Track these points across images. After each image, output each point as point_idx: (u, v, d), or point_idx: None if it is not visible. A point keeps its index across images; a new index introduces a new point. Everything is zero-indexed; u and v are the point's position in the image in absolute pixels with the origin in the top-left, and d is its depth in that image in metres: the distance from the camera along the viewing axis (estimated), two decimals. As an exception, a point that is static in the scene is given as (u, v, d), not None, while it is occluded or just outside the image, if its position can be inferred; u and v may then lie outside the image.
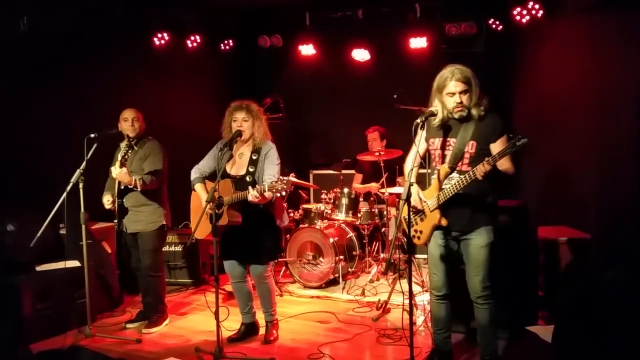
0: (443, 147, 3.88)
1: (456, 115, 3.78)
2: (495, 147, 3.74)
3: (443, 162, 3.87)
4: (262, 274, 4.79)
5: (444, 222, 3.83)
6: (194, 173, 4.82)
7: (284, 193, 4.23)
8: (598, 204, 5.34)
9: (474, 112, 3.78)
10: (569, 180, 5.88)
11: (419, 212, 3.98)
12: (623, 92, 4.87)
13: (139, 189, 4.98)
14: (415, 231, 4.04)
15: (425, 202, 3.90)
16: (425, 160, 4.01)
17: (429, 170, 3.96)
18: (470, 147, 3.80)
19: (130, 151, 5.13)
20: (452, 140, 3.86)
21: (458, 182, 3.71)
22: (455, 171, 3.82)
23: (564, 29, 6.02)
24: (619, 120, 4.93)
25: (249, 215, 4.63)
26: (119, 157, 5.05)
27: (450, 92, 3.76)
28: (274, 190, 4.19)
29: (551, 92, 6.24)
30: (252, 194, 4.28)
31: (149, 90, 6.84)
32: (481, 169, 3.56)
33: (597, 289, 3.77)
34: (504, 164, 3.67)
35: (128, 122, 5.14)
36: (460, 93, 3.74)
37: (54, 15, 5.72)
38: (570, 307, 3.90)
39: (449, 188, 3.76)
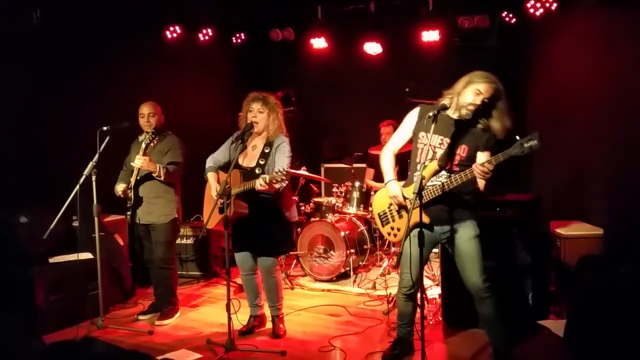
0: (434, 144, 3.84)
1: (463, 111, 3.76)
2: (480, 158, 3.76)
3: (433, 159, 3.83)
4: (270, 267, 4.78)
5: (426, 219, 3.78)
6: (209, 162, 4.83)
7: (276, 185, 4.26)
8: (612, 198, 5.30)
9: (479, 120, 3.79)
10: (583, 174, 5.84)
11: (401, 209, 3.97)
12: (638, 87, 4.83)
13: (162, 178, 5.01)
14: (392, 228, 4.05)
15: (407, 199, 3.88)
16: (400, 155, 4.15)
17: (412, 166, 3.96)
18: (462, 151, 3.81)
19: (150, 144, 5.14)
20: (445, 139, 3.84)
21: (456, 178, 3.69)
22: (445, 170, 3.80)
23: (578, 23, 5.96)
24: (634, 114, 4.89)
25: (258, 207, 4.62)
26: (143, 147, 5.08)
27: (478, 89, 3.70)
28: (274, 181, 4.21)
29: (565, 86, 6.19)
30: (259, 183, 4.26)
31: (161, 83, 6.86)
32: (482, 168, 3.52)
33: (610, 283, 3.75)
34: (480, 182, 3.71)
35: (144, 119, 5.18)
36: (484, 98, 3.70)
37: (67, 8, 5.74)
38: (583, 301, 3.89)
39: (446, 183, 3.74)
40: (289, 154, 4.66)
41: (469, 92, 3.75)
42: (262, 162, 4.63)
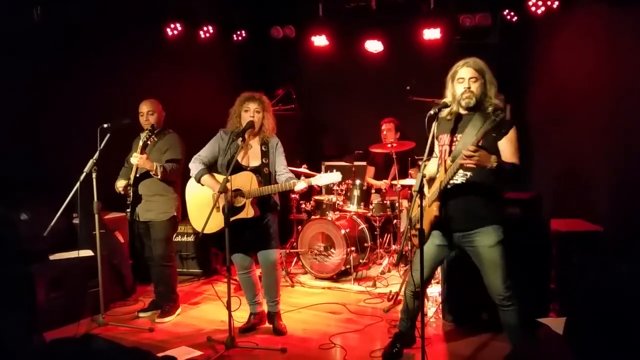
0: (450, 143, 3.81)
1: (463, 103, 3.71)
2: (502, 145, 3.67)
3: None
4: (275, 261, 4.82)
5: (437, 214, 3.74)
6: (198, 165, 4.73)
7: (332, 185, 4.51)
8: (612, 196, 5.30)
9: (485, 104, 3.72)
10: (583, 172, 5.84)
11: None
12: (638, 86, 4.83)
13: (159, 177, 5.00)
14: (417, 229, 4.00)
15: (426, 196, 3.85)
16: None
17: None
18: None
19: (148, 141, 5.12)
20: (459, 136, 3.79)
21: (448, 172, 3.64)
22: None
23: (579, 21, 5.96)
24: (634, 113, 4.89)
25: (263, 205, 4.69)
26: (140, 144, 5.07)
27: (460, 77, 3.73)
28: (317, 185, 4.60)
29: (566, 84, 6.19)
30: (300, 186, 4.46)
31: (161, 80, 6.83)
32: (466, 153, 3.44)
33: (610, 282, 3.75)
34: (508, 157, 3.62)
35: (143, 117, 5.19)
36: (470, 79, 3.70)
37: (67, 6, 5.74)
38: (583, 299, 3.88)
39: (442, 181, 3.69)
40: (284, 154, 4.86)
41: (456, 86, 3.77)
42: (265, 162, 4.71)
